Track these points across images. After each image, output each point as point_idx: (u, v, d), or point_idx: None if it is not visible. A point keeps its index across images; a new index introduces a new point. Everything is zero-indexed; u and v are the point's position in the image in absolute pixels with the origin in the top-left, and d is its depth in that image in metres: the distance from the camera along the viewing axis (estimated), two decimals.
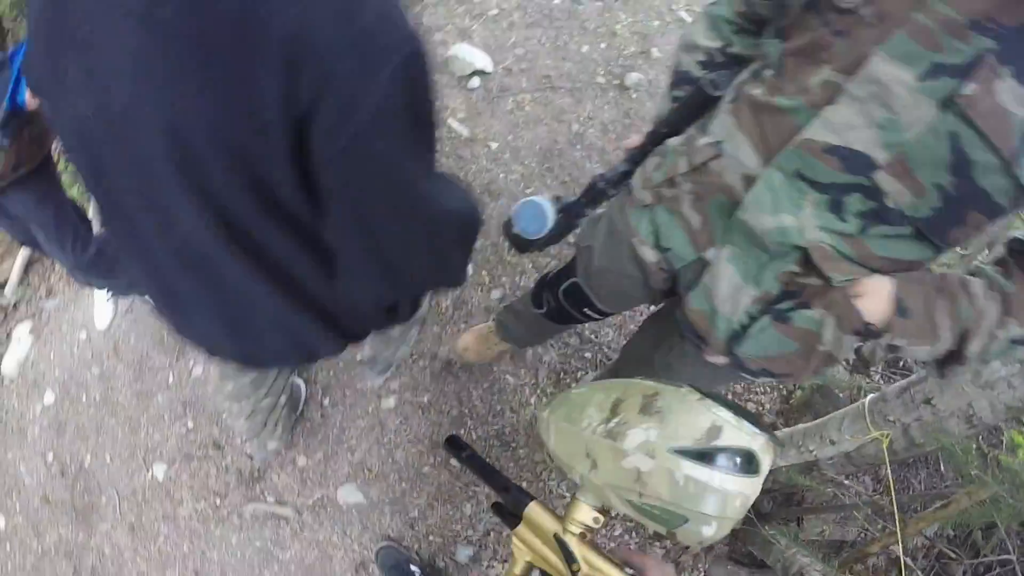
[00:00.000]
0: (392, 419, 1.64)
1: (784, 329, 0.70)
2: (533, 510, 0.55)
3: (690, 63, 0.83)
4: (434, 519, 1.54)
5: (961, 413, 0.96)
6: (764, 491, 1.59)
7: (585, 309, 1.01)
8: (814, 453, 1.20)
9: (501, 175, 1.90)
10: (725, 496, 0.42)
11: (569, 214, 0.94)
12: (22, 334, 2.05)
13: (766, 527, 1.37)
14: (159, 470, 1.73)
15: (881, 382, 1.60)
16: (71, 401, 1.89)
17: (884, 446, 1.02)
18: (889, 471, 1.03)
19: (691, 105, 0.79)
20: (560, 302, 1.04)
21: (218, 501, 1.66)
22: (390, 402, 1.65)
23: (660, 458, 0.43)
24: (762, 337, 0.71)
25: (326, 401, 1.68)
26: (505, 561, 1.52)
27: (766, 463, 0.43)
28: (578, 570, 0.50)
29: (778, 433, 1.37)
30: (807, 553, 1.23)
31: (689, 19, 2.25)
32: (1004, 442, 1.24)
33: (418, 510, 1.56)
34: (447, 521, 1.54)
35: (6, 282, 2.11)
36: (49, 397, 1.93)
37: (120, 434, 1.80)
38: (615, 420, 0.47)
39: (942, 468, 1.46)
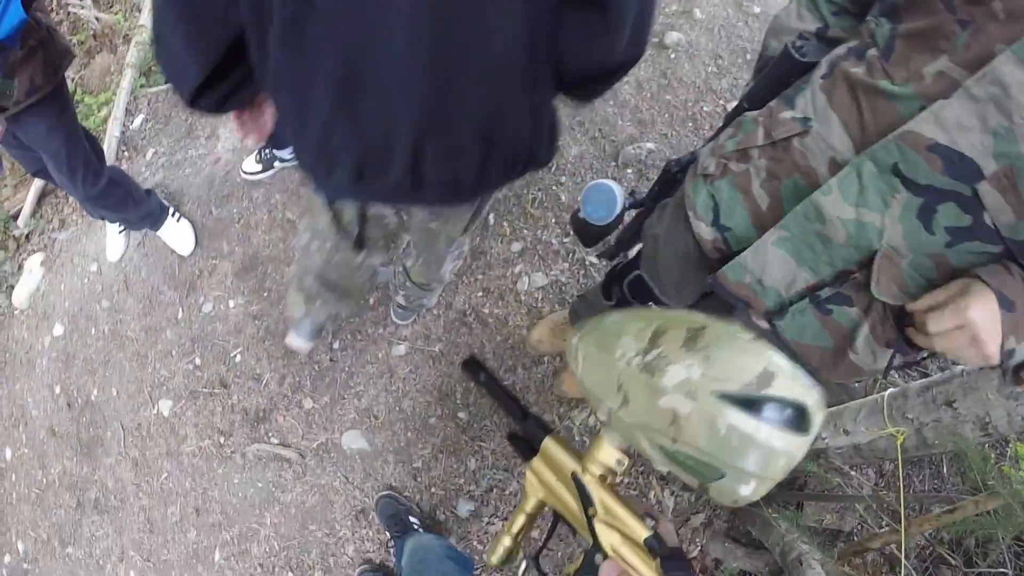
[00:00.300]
0: (402, 367, 1.61)
1: (822, 319, 0.67)
2: (550, 444, 0.50)
3: (779, 49, 0.76)
4: (438, 471, 1.52)
5: (977, 420, 0.94)
6: None
7: (650, 304, 0.96)
8: (826, 441, 1.19)
9: None
10: (770, 453, 0.36)
11: (641, 208, 0.90)
12: (33, 265, 2.04)
13: (767, 508, 1.35)
14: (165, 406, 1.72)
15: (898, 376, 1.55)
16: (80, 334, 1.88)
17: (899, 443, 1.00)
18: (901, 470, 1.00)
19: (774, 75, 0.73)
20: (625, 295, 1.01)
21: (222, 440, 1.65)
22: (400, 350, 1.62)
23: (702, 401, 0.37)
24: (800, 319, 0.68)
25: (336, 344, 1.65)
26: (506, 519, 1.50)
27: (817, 422, 0.38)
28: (594, 514, 0.45)
29: None
30: (807, 540, 1.21)
31: None
32: (1008, 454, 1.22)
33: (422, 461, 1.53)
34: (450, 474, 1.52)
35: (19, 213, 2.10)
36: (58, 329, 1.92)
37: (127, 368, 1.79)
38: (654, 352, 0.40)
39: (944, 470, 1.44)
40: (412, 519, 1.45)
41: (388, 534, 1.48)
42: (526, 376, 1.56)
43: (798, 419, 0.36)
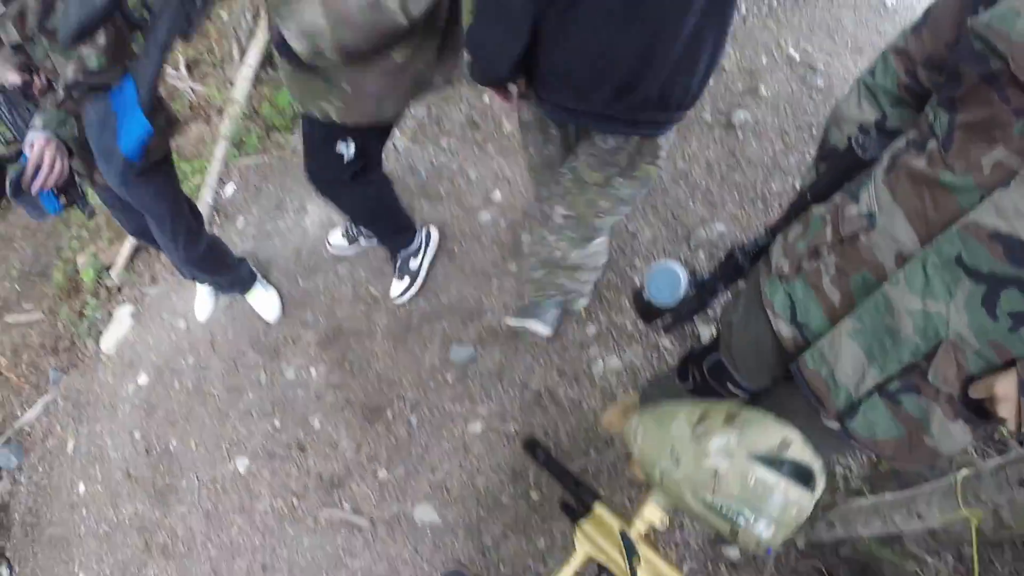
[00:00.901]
0: (477, 445, 1.64)
1: (893, 409, 0.69)
2: (600, 508, 0.65)
3: (840, 138, 0.80)
4: (507, 549, 1.53)
5: None
6: (842, 559, 1.51)
7: (728, 384, 0.99)
8: (899, 525, 1.14)
9: None
10: (786, 502, 0.49)
11: (703, 290, 0.92)
12: (123, 315, 2.18)
13: None
14: (241, 463, 1.79)
15: (975, 455, 1.50)
16: (164, 385, 1.99)
17: (974, 527, 0.96)
18: (976, 556, 0.96)
19: (837, 169, 0.76)
20: (705, 378, 1.03)
21: (295, 501, 1.70)
22: (476, 427, 1.66)
23: (737, 460, 0.51)
24: (871, 415, 0.70)
25: (413, 418, 1.70)
26: None
27: (820, 485, 0.52)
28: (638, 563, 0.57)
29: (863, 501, 1.31)
30: None
31: (798, 57, 2.19)
32: None
33: (492, 538, 1.55)
34: (519, 553, 1.52)
35: (113, 265, 2.25)
36: (143, 378, 2.03)
37: (208, 423, 1.87)
38: (701, 427, 0.56)
39: None
40: None
41: None
42: (599, 459, 1.56)
43: (807, 477, 0.50)
